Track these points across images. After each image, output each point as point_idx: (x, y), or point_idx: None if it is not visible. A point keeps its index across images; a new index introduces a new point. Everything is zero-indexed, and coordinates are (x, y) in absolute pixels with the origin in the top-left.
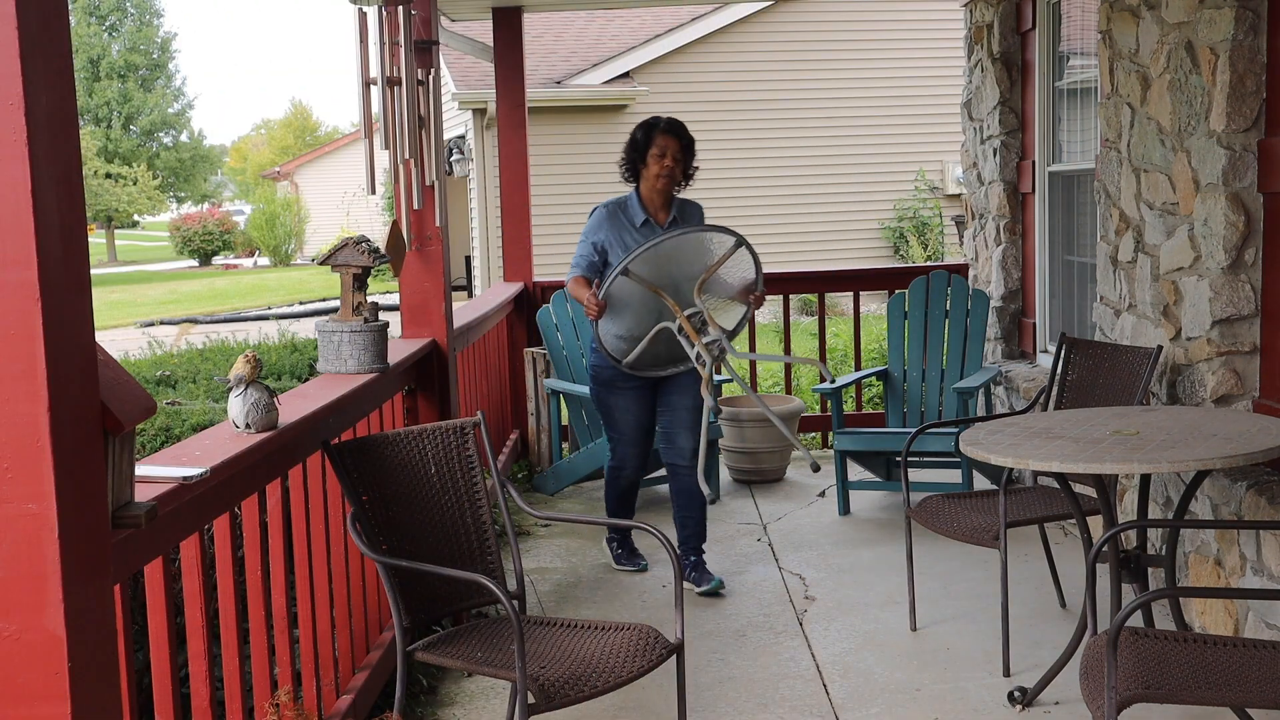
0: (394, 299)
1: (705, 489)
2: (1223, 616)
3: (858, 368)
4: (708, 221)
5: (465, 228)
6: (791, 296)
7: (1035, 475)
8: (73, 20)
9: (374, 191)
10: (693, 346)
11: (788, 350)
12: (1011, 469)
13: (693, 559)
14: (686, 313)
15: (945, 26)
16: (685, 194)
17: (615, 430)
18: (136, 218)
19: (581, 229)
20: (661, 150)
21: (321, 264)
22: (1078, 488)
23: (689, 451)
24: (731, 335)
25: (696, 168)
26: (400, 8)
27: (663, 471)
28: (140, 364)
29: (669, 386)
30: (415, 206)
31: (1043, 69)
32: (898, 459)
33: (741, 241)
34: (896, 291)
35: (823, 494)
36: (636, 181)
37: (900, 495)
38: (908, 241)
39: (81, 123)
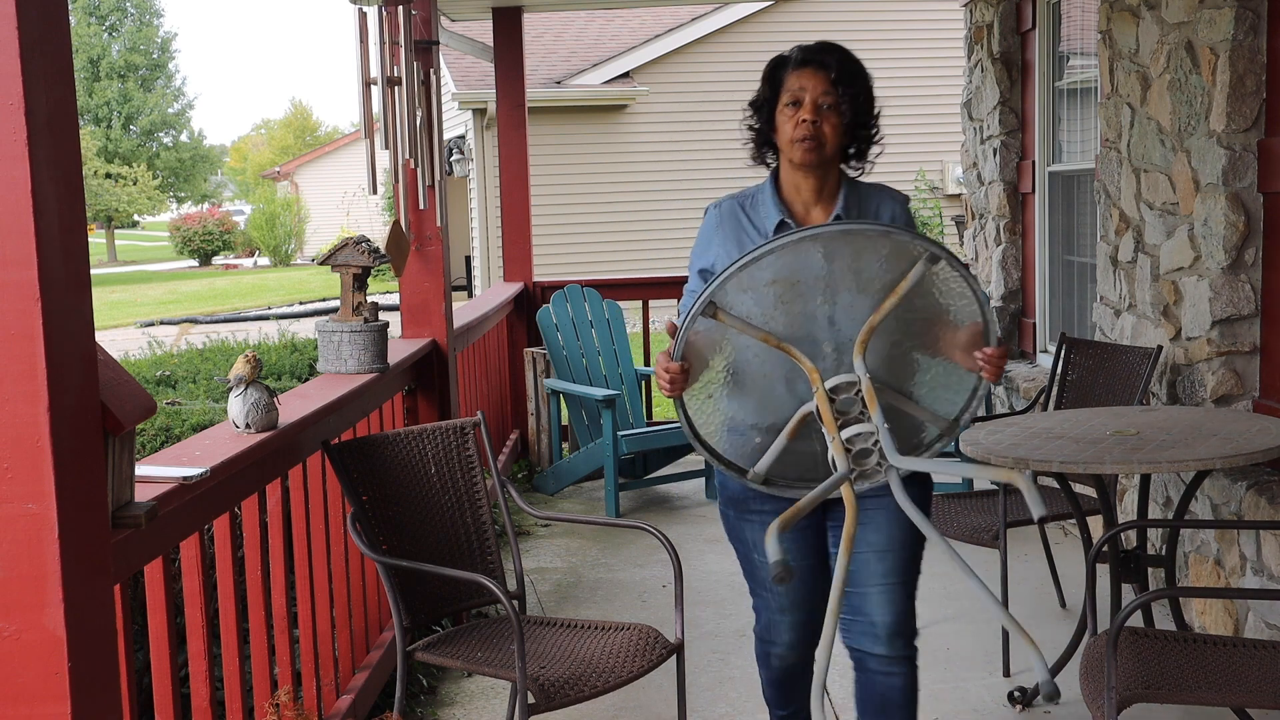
0: (394, 299)
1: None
2: (1223, 616)
3: None
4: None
5: (465, 228)
6: None
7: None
8: (73, 20)
9: (374, 191)
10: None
11: None
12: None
13: None
14: (830, 384)
15: (945, 26)
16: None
17: (756, 581)
18: (136, 218)
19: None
20: (795, 96)
21: (321, 264)
22: (1078, 488)
23: (888, 629)
24: (949, 430)
25: (877, 126)
26: (400, 8)
27: (668, 470)
28: (140, 364)
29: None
30: (417, 207)
31: (1043, 69)
32: None
33: (939, 255)
34: None
35: None
36: (776, 160)
37: None
38: None
39: (81, 123)
